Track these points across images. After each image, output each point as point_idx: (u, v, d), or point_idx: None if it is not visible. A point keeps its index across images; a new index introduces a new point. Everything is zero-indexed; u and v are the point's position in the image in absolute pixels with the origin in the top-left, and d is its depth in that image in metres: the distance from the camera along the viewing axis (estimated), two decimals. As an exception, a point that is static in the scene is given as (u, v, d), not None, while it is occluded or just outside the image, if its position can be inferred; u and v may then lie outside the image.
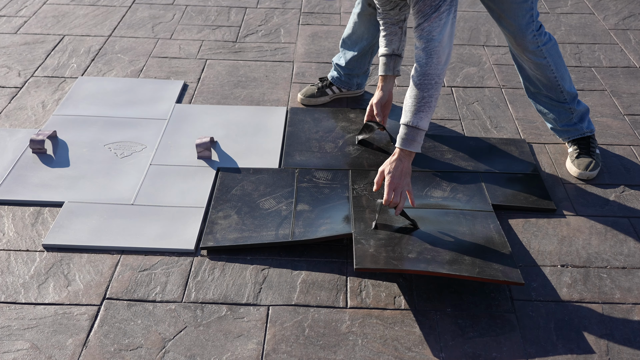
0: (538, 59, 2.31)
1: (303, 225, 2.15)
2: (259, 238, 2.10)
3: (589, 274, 2.03)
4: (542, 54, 2.30)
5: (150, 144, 2.57)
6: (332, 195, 2.30)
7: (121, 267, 2.03)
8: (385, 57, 2.40)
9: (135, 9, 3.72)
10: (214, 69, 3.13)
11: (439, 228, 2.10)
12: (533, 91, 2.46)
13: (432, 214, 2.18)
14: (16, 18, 3.58)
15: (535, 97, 2.48)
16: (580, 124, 2.45)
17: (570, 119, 2.44)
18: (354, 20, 2.66)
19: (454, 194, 2.30)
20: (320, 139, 2.61)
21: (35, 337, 1.79)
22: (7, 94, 2.89)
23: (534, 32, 2.26)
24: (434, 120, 2.75)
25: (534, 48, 2.28)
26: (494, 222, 2.14)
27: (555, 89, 2.38)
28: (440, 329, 1.84)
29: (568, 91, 2.40)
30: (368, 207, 2.21)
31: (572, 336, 1.83)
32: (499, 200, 2.27)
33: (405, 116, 2.06)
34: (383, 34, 2.38)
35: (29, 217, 2.21)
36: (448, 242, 2.03)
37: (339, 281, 1.99)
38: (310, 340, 1.80)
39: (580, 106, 2.45)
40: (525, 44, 2.28)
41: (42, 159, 2.46)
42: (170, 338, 1.80)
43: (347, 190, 2.31)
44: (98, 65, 3.13)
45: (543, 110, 2.48)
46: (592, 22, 3.67)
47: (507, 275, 1.90)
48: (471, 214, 2.18)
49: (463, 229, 2.11)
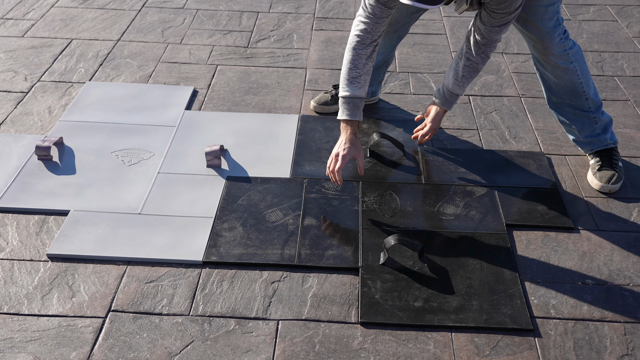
0: (564, 63, 2.30)
1: (309, 245, 2.14)
2: (263, 257, 2.10)
3: (611, 291, 2.01)
4: (569, 58, 2.29)
5: (158, 151, 2.58)
6: (341, 207, 2.29)
7: (127, 278, 2.03)
8: (361, 99, 2.28)
9: (145, 12, 3.75)
10: (224, 74, 3.14)
11: (447, 260, 2.09)
12: (555, 101, 2.45)
13: (442, 240, 2.18)
14: (23, 21, 3.61)
15: (557, 107, 2.46)
16: (603, 135, 2.44)
17: (594, 130, 2.43)
18: None
19: (467, 211, 2.28)
20: (331, 149, 2.59)
21: (38, 349, 1.80)
22: (13, 98, 2.92)
23: (560, 36, 2.26)
24: (450, 129, 2.74)
25: (561, 52, 2.28)
26: (506, 251, 2.12)
27: (580, 97, 2.37)
28: (455, 347, 1.83)
29: (593, 99, 2.38)
30: (378, 225, 2.21)
31: (593, 356, 1.81)
32: (513, 219, 2.26)
33: (458, 88, 2.38)
34: (367, 62, 2.23)
35: (33, 225, 2.22)
36: (456, 283, 2.02)
37: (351, 295, 1.98)
38: (321, 356, 1.79)
39: (604, 116, 2.44)
40: (552, 48, 2.27)
41: (48, 166, 2.48)
42: (177, 352, 1.80)
43: (357, 203, 2.31)
44: (106, 70, 3.15)
45: (566, 121, 2.47)
46: (615, 29, 3.65)
47: (515, 321, 1.89)
48: (483, 238, 2.17)
49: (473, 262, 2.09)
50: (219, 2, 3.89)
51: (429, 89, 3.03)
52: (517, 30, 2.41)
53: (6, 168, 2.46)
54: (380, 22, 2.17)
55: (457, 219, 2.25)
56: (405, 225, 2.22)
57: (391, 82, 3.08)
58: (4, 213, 2.27)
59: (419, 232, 2.19)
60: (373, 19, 2.16)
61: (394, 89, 3.03)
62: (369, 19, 2.17)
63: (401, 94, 3.01)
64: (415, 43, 3.44)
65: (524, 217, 2.27)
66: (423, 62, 3.27)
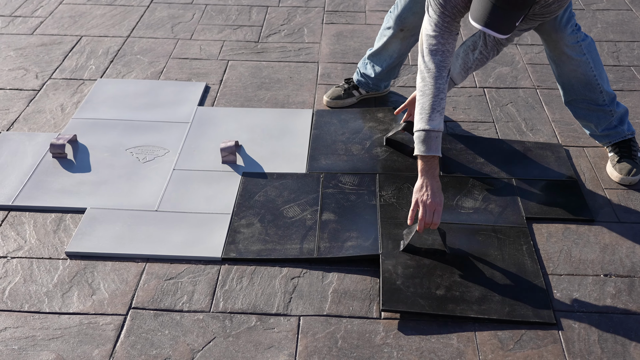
0: (577, 55, 2.31)
1: (329, 238, 2.16)
2: (282, 252, 2.11)
3: (634, 283, 2.02)
4: (582, 50, 2.30)
5: (172, 148, 2.59)
6: (359, 202, 2.31)
7: (146, 275, 2.05)
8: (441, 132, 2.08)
9: (153, 8, 3.76)
10: (236, 70, 3.15)
11: (469, 250, 2.11)
12: (570, 99, 2.46)
13: (462, 231, 2.18)
14: (32, 18, 3.62)
15: (572, 104, 2.47)
16: (620, 127, 2.44)
17: (610, 122, 2.44)
18: (384, 40, 2.67)
19: (486, 204, 2.29)
20: (347, 141, 2.62)
21: (60, 347, 1.82)
22: (25, 96, 2.94)
23: (572, 27, 2.27)
24: (466, 122, 2.75)
25: (574, 43, 2.29)
26: (527, 244, 2.13)
27: (594, 90, 2.38)
28: (478, 341, 1.84)
29: (607, 91, 2.39)
30: (396, 218, 2.22)
31: (618, 349, 1.82)
32: (533, 212, 2.27)
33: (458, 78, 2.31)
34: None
35: (50, 223, 2.24)
36: (478, 273, 2.03)
37: (372, 291, 1.99)
38: (344, 352, 1.81)
39: (619, 107, 2.44)
40: (565, 39, 2.28)
41: (63, 164, 2.50)
42: (199, 349, 1.81)
43: (375, 197, 2.32)
44: (117, 67, 3.17)
45: (582, 117, 2.48)
46: (630, 18, 3.65)
47: (538, 315, 1.90)
48: (503, 231, 2.18)
49: (494, 252, 2.10)
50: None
51: (443, 82, 3.04)
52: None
53: (21, 166, 2.48)
54: (453, 35, 2.04)
55: (477, 212, 2.26)
56: None
57: (404, 75, 3.08)
58: (21, 211, 2.29)
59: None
60: (448, 34, 2.03)
61: (407, 82, 3.04)
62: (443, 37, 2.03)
63: (413, 87, 3.00)
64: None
65: (543, 210, 2.28)
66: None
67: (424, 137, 2.02)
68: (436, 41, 2.02)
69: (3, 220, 2.25)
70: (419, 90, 2.06)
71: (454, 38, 2.04)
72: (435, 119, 2.02)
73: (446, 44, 2.02)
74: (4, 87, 3.00)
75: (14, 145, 2.59)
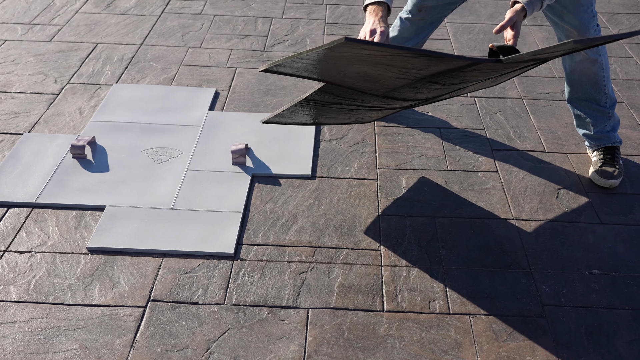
0: (594, 55, 2.31)
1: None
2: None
3: (617, 280, 2.03)
4: (598, 51, 2.31)
5: (186, 150, 2.58)
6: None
7: (164, 269, 2.04)
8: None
9: (164, 18, 3.74)
10: (243, 77, 3.14)
11: None
12: (574, 96, 2.47)
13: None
14: (50, 26, 3.59)
15: (575, 102, 2.48)
16: (612, 133, 2.47)
17: (605, 126, 2.46)
18: (401, 23, 2.56)
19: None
20: None
21: (84, 337, 1.80)
22: (45, 100, 2.91)
23: (594, 27, 2.26)
24: (458, 128, 2.76)
25: None
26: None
27: (600, 90, 2.39)
28: (475, 332, 1.84)
29: (610, 95, 2.42)
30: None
31: (603, 341, 1.83)
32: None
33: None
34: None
35: (72, 220, 2.22)
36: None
37: (375, 285, 1.99)
38: (350, 342, 1.81)
39: (616, 115, 2.48)
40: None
41: (83, 164, 2.48)
42: (215, 339, 1.80)
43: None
44: (131, 73, 3.15)
45: (582, 114, 2.48)
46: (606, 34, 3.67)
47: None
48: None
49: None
50: (234, 8, 3.89)
51: (436, 91, 3.04)
52: (551, 25, 2.32)
53: (43, 166, 2.46)
54: None
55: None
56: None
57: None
58: (44, 208, 2.27)
59: None
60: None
61: (403, 91, 3.04)
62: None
63: (410, 95, 3.01)
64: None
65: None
66: None
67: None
68: None
69: (27, 217, 2.23)
70: None
71: None
72: None
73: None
74: (24, 91, 2.97)
75: (36, 146, 2.57)
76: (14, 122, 2.75)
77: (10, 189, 2.34)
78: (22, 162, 2.47)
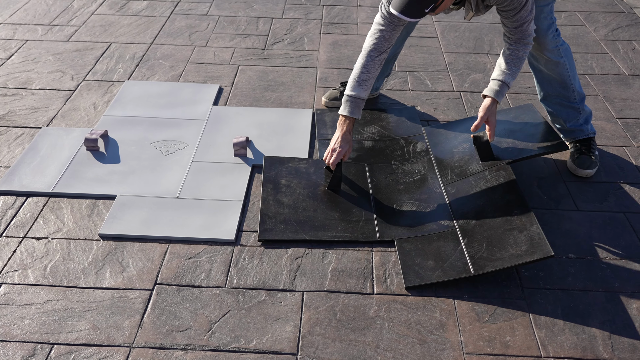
0: (556, 57, 2.26)
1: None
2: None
3: (591, 264, 1.99)
4: (560, 53, 2.26)
5: (191, 142, 2.53)
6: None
7: (169, 255, 2.00)
8: (363, 101, 2.19)
9: (173, 19, 3.67)
10: (245, 74, 3.08)
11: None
12: (545, 94, 2.41)
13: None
14: (68, 27, 3.53)
15: (547, 99, 2.42)
16: (585, 125, 2.41)
17: (577, 120, 2.40)
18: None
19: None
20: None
21: (95, 318, 1.77)
22: (62, 96, 2.86)
23: (553, 33, 2.22)
24: (444, 121, 2.70)
25: (553, 47, 2.23)
26: (518, 197, 2.04)
27: (568, 88, 2.33)
28: (458, 314, 1.80)
29: (578, 91, 2.36)
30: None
31: (578, 321, 1.79)
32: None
33: (504, 76, 2.12)
34: (378, 68, 2.15)
35: (85, 208, 2.18)
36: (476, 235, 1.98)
37: (365, 270, 1.95)
38: (342, 323, 1.77)
39: (586, 108, 2.42)
40: (546, 44, 2.22)
41: (96, 156, 2.43)
42: (216, 320, 1.77)
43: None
44: (142, 70, 3.09)
45: (553, 112, 2.43)
46: (584, 33, 3.59)
47: (536, 252, 1.83)
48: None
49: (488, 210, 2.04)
50: (237, 9, 3.81)
51: (425, 86, 2.98)
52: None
53: (59, 158, 2.41)
54: (397, 30, 2.10)
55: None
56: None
57: (392, 80, 3.02)
58: (60, 197, 2.22)
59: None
60: (391, 26, 2.09)
61: (394, 86, 2.98)
62: (387, 26, 2.09)
63: (401, 90, 2.95)
64: (411, 45, 3.38)
65: (524, 151, 2.24)
66: (419, 62, 3.22)
67: (348, 101, 2.17)
68: (380, 27, 2.10)
69: (44, 205, 2.19)
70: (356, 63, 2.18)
71: (396, 30, 2.10)
72: (357, 89, 2.15)
73: (386, 32, 2.10)
74: (43, 88, 2.92)
75: (53, 139, 2.52)
76: (34, 116, 2.70)
77: (29, 179, 2.29)
78: (40, 154, 2.43)
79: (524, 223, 1.93)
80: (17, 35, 3.41)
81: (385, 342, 1.71)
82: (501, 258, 1.85)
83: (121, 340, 1.70)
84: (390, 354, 1.68)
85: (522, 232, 1.91)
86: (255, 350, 1.68)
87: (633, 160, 2.47)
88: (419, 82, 3.01)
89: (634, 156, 2.49)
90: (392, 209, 2.13)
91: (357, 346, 1.70)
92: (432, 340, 1.72)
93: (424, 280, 1.86)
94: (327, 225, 2.07)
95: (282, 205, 2.14)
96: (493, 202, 2.04)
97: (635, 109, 2.82)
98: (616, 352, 1.70)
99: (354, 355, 1.67)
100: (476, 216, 2.02)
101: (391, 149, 2.46)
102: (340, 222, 2.09)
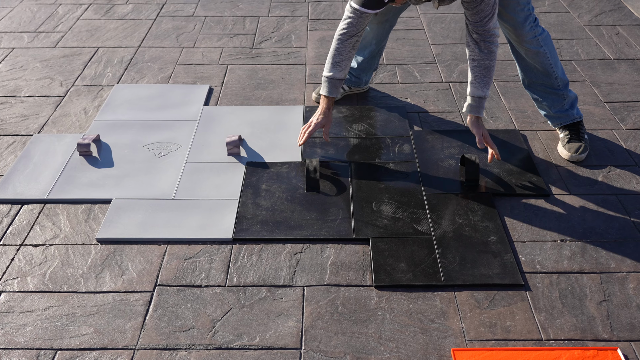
0: (535, 47, 2.27)
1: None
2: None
3: (586, 247, 2.00)
4: (539, 43, 2.27)
5: (184, 143, 2.52)
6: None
7: (168, 256, 1.99)
8: (340, 80, 2.28)
9: (159, 21, 3.65)
10: (235, 73, 3.07)
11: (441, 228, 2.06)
12: (529, 82, 2.42)
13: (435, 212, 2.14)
14: (54, 33, 3.50)
15: (531, 87, 2.44)
16: (571, 110, 2.42)
17: (563, 105, 2.41)
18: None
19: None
20: (335, 133, 2.56)
21: (97, 322, 1.76)
22: (52, 102, 2.84)
23: (531, 24, 2.23)
24: (434, 112, 2.71)
25: (531, 38, 2.25)
26: (494, 218, 2.08)
27: (550, 75, 2.35)
28: (458, 302, 1.81)
29: (561, 77, 2.37)
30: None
31: (576, 303, 1.80)
32: (497, 189, 2.23)
33: (476, 90, 2.21)
34: (350, 51, 2.22)
35: (81, 213, 2.17)
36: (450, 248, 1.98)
37: (364, 262, 1.96)
38: (344, 316, 1.77)
39: (571, 93, 2.42)
40: (524, 35, 2.24)
41: (89, 161, 2.41)
42: (218, 319, 1.76)
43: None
44: (131, 74, 3.07)
45: (538, 98, 2.44)
46: (568, 19, 3.61)
47: (507, 278, 1.87)
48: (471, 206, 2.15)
49: (465, 230, 2.05)
50: (223, 9, 3.80)
51: (413, 78, 2.99)
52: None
53: (53, 164, 2.39)
54: (364, 18, 2.14)
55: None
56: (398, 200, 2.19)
57: (380, 74, 3.03)
58: (55, 204, 2.21)
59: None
60: (357, 15, 2.13)
61: (383, 80, 2.99)
62: (353, 18, 2.15)
63: (390, 83, 2.96)
64: (398, 38, 3.38)
65: (507, 187, 2.25)
66: (406, 54, 3.22)
67: (326, 82, 2.28)
68: (349, 15, 2.15)
69: (40, 212, 2.17)
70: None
71: (363, 18, 2.14)
72: (333, 71, 2.25)
73: (354, 20, 2.14)
74: (33, 95, 2.89)
75: (45, 146, 2.50)
76: (24, 124, 2.67)
77: (24, 187, 2.28)
78: (33, 162, 2.41)
79: (500, 250, 1.96)
80: (3, 44, 3.38)
81: (387, 332, 1.71)
82: (472, 275, 1.87)
83: (124, 342, 1.70)
84: (393, 344, 1.68)
85: (496, 257, 1.94)
86: (259, 347, 1.68)
87: (622, 143, 2.49)
88: (407, 74, 3.02)
89: (623, 139, 2.51)
90: (371, 208, 2.13)
91: (360, 338, 1.70)
92: (433, 328, 1.73)
93: (394, 281, 1.86)
94: (302, 225, 2.07)
95: (260, 208, 2.14)
96: (472, 224, 2.06)
97: (622, 93, 2.84)
98: (615, 331, 1.71)
99: (357, 347, 1.68)
100: (453, 232, 2.03)
101: (376, 147, 2.46)
102: (317, 221, 2.09)
